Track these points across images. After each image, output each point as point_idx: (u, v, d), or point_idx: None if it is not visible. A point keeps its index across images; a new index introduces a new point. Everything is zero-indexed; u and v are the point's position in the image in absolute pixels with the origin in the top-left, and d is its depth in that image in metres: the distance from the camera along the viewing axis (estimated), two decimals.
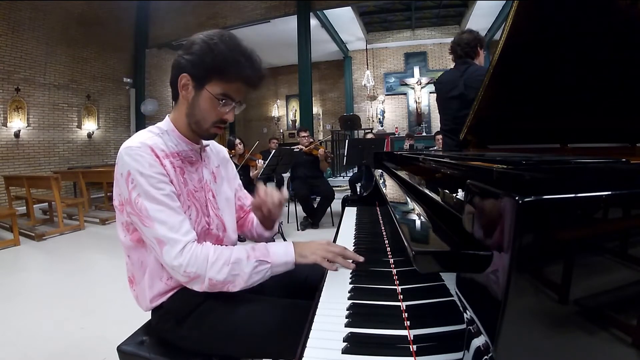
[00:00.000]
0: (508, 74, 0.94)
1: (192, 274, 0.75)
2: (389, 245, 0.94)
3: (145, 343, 0.87)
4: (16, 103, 5.89)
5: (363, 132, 8.33)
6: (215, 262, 0.76)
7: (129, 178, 0.76)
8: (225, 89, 0.80)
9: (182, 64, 0.81)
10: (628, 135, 0.97)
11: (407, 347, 0.50)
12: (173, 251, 0.75)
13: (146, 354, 0.84)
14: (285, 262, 0.82)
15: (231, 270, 0.77)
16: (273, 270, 0.81)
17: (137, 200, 0.75)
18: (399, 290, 0.67)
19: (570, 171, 0.52)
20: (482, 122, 1.12)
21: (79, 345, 1.82)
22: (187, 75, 0.81)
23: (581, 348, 0.34)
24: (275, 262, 0.81)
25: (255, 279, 0.80)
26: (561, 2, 0.78)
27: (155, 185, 0.76)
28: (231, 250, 0.80)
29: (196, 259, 0.75)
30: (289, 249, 0.84)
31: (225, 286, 0.78)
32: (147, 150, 0.78)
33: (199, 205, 0.88)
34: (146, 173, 0.76)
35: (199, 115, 0.83)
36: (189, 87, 0.82)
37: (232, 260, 0.78)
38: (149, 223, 0.75)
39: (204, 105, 0.82)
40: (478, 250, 0.39)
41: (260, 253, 0.81)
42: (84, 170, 5.87)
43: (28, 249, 3.77)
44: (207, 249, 0.78)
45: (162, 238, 0.75)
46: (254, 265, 0.79)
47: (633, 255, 0.33)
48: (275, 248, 0.83)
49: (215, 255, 0.77)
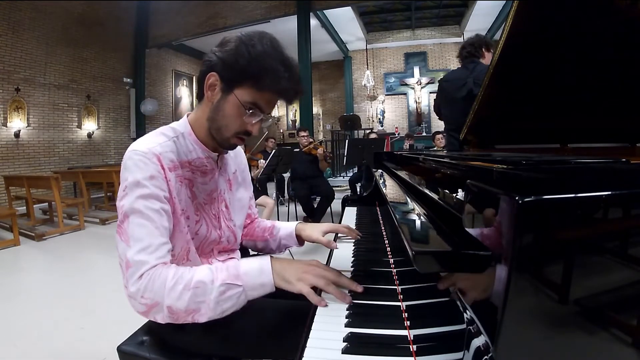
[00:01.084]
0: (508, 74, 0.94)
1: (150, 301, 0.64)
2: (389, 245, 0.94)
3: (145, 343, 0.87)
4: (16, 103, 5.89)
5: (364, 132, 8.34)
6: (173, 286, 0.64)
7: (125, 183, 0.70)
8: (255, 97, 0.73)
9: (213, 61, 0.73)
10: (628, 135, 0.97)
11: (407, 347, 0.50)
12: (134, 276, 0.65)
13: (146, 354, 0.84)
14: (261, 283, 0.67)
15: (193, 297, 0.64)
16: (248, 295, 0.67)
17: (123, 208, 0.69)
18: (399, 290, 0.67)
19: (570, 171, 0.52)
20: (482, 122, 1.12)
21: (79, 345, 1.82)
22: (216, 75, 0.73)
23: (581, 348, 0.34)
24: (248, 285, 0.66)
25: (226, 307, 0.66)
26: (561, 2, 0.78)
27: (147, 198, 0.69)
28: (193, 272, 0.66)
29: (153, 283, 0.64)
30: (265, 266, 0.68)
31: (189, 316, 0.65)
32: (152, 159, 0.71)
33: (208, 218, 0.84)
34: (142, 183, 0.69)
35: (222, 121, 0.76)
36: (215, 88, 0.75)
37: (194, 284, 0.64)
38: (125, 236, 0.67)
39: (229, 111, 0.74)
40: (478, 250, 0.39)
41: (228, 274, 0.66)
42: (84, 170, 5.87)
43: (28, 249, 3.77)
44: (166, 272, 0.65)
45: (129, 260, 0.66)
46: (221, 290, 0.65)
47: (633, 255, 0.33)
48: (248, 266, 0.68)
49: (174, 279, 0.65)
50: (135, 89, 8.30)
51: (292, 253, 3.05)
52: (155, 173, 0.71)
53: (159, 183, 0.71)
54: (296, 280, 0.66)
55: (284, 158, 3.87)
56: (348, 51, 10.48)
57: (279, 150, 3.79)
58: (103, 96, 7.60)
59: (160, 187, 0.71)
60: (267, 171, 3.81)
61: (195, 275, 0.66)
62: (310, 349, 0.52)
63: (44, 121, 6.41)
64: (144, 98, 8.30)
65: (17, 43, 5.91)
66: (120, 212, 0.69)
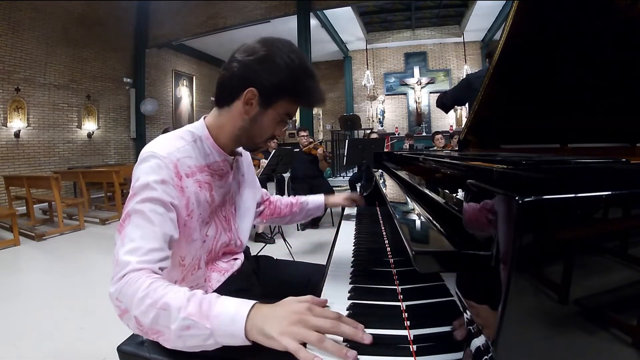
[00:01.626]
0: (508, 74, 0.94)
1: (123, 306, 0.61)
2: (389, 245, 0.94)
3: (145, 343, 0.87)
4: (16, 103, 5.89)
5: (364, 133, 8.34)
6: (142, 299, 0.58)
7: (135, 183, 0.70)
8: (289, 109, 0.79)
9: (252, 77, 0.74)
10: (628, 135, 0.97)
11: (407, 347, 0.50)
12: (117, 275, 0.63)
13: (146, 354, 0.84)
14: (231, 333, 0.54)
15: (157, 317, 0.57)
16: (219, 341, 0.56)
17: (127, 207, 0.68)
18: (399, 290, 0.67)
19: (570, 171, 0.52)
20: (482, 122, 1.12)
21: (79, 345, 1.82)
22: (254, 91, 0.74)
23: (581, 348, 0.34)
24: (218, 330, 0.55)
25: (190, 344, 0.57)
26: (561, 2, 0.78)
27: (153, 201, 0.67)
28: (166, 291, 0.59)
29: (128, 288, 0.60)
30: (238, 315, 0.55)
31: (154, 334, 0.59)
32: (169, 165, 0.71)
33: (219, 221, 0.85)
34: (152, 185, 0.68)
35: (257, 131, 0.79)
36: (253, 103, 0.76)
37: (160, 304, 0.57)
38: (122, 236, 0.66)
39: (266, 124, 0.78)
40: (478, 250, 0.39)
41: (199, 310, 0.56)
42: (84, 170, 5.88)
43: (28, 249, 3.77)
44: (142, 281, 0.60)
45: (118, 259, 0.64)
46: (184, 324, 0.55)
47: (633, 255, 0.33)
48: (222, 308, 0.56)
49: (146, 291, 0.59)
50: (135, 89, 8.30)
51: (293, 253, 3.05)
52: (168, 179, 0.71)
53: (169, 190, 0.70)
54: (279, 334, 0.51)
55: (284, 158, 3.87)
56: (348, 51, 10.48)
57: (279, 150, 3.80)
58: (103, 96, 7.60)
59: (169, 194, 0.70)
60: (267, 171, 3.82)
61: (166, 295, 0.58)
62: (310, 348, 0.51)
63: (44, 121, 6.41)
64: (144, 98, 8.30)
65: (17, 43, 5.91)
66: (124, 211, 0.69)
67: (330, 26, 8.55)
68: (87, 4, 6.98)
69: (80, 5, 6.88)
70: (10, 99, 5.81)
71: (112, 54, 7.75)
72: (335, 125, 10.14)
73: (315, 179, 4.24)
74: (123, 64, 8.10)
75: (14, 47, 5.87)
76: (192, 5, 7.75)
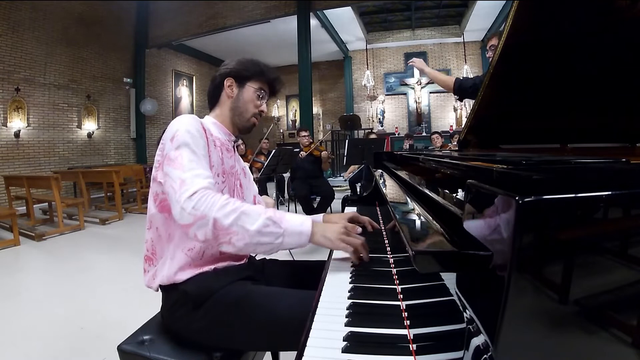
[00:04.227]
0: (508, 74, 0.94)
1: (199, 214, 0.74)
2: (389, 245, 0.94)
3: (145, 342, 0.88)
4: (16, 103, 5.89)
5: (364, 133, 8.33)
6: (224, 205, 0.75)
7: (176, 135, 0.85)
8: (260, 85, 1.03)
9: (225, 72, 1.01)
10: (628, 135, 0.97)
11: (407, 346, 0.50)
12: (189, 191, 0.76)
13: (147, 353, 0.84)
14: (299, 232, 0.78)
15: (238, 219, 0.74)
16: (285, 240, 0.77)
17: (177, 150, 0.83)
18: (399, 290, 0.67)
19: (570, 171, 0.52)
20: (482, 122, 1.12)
21: (79, 345, 1.82)
22: (231, 79, 1.01)
23: (581, 348, 0.34)
24: (288, 230, 0.77)
25: (263, 241, 0.76)
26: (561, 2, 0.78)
27: (197, 144, 0.85)
28: (245, 203, 0.78)
29: (206, 199, 0.75)
30: (306, 221, 0.80)
31: (228, 236, 0.74)
32: (197, 121, 0.91)
33: (232, 186, 1.00)
34: (193, 133, 0.86)
35: (243, 107, 1.02)
36: (233, 87, 1.01)
37: (243, 209, 0.76)
38: (179, 166, 0.80)
39: (247, 97, 1.02)
40: (478, 250, 0.39)
41: (274, 214, 0.78)
42: (84, 170, 5.87)
43: (28, 249, 3.77)
44: (220, 196, 0.77)
45: (184, 178, 0.78)
46: (264, 223, 0.75)
47: (633, 255, 0.33)
48: (291, 216, 0.80)
49: (227, 201, 0.76)
50: (135, 89, 8.30)
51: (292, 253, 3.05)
52: (200, 129, 0.89)
53: (202, 139, 0.88)
54: (336, 239, 0.79)
55: (284, 158, 3.87)
56: (348, 51, 10.47)
57: (279, 150, 3.80)
58: (103, 96, 7.60)
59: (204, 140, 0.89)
60: (267, 171, 3.81)
61: (245, 205, 0.77)
62: (310, 348, 0.52)
63: (44, 121, 6.41)
64: (144, 98, 8.30)
65: (17, 43, 5.91)
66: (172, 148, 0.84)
67: (330, 26, 8.55)
68: (87, 4, 6.98)
69: (80, 5, 6.88)
70: (10, 99, 5.80)
71: (112, 54, 7.75)
72: (335, 125, 10.14)
73: (316, 179, 4.24)
74: (123, 64, 8.09)
75: (14, 47, 5.87)
76: (192, 5, 7.75)
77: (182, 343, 0.86)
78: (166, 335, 0.89)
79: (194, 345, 0.84)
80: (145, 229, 0.94)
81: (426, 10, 9.08)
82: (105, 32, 7.48)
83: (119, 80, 7.98)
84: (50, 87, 6.49)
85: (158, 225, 0.91)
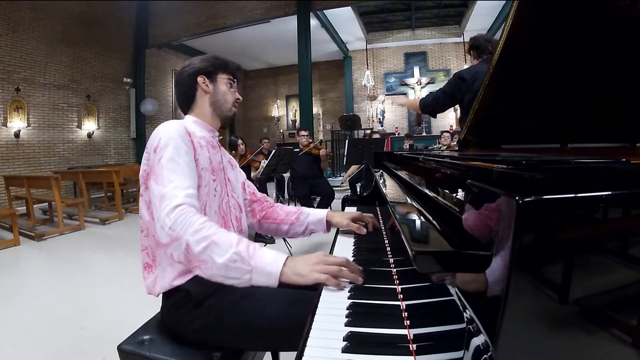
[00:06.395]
0: (508, 74, 0.94)
1: (174, 235, 0.75)
2: (389, 245, 0.94)
3: (145, 342, 0.88)
4: (16, 103, 5.89)
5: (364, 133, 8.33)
6: (198, 230, 0.74)
7: (159, 144, 0.85)
8: (227, 75, 1.07)
9: (193, 72, 1.03)
10: (628, 135, 0.97)
11: (407, 346, 0.50)
12: (169, 207, 0.76)
13: (147, 353, 0.84)
14: (268, 272, 0.74)
15: (207, 248, 0.73)
16: (254, 278, 0.74)
17: (159, 163, 0.83)
18: (399, 290, 0.67)
19: (570, 171, 0.52)
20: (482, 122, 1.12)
21: (79, 345, 1.82)
22: (202, 76, 1.03)
23: (581, 348, 0.34)
24: (257, 268, 0.73)
25: (230, 275, 0.74)
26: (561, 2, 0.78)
27: (179, 152, 0.85)
28: (219, 231, 0.76)
29: (183, 220, 0.75)
30: (277, 259, 0.75)
31: (198, 262, 0.74)
32: (181, 127, 0.91)
33: (223, 182, 1.02)
34: (176, 142, 0.86)
35: (223, 98, 1.05)
36: (207, 82, 1.03)
37: (214, 238, 0.74)
38: (161, 180, 0.81)
39: (221, 88, 1.05)
40: (478, 251, 0.39)
41: (245, 249, 0.75)
42: (84, 170, 5.87)
43: (28, 249, 3.77)
44: (197, 217, 0.77)
45: (164, 193, 0.79)
46: (232, 257, 0.73)
47: (633, 255, 0.33)
48: (264, 253, 0.76)
49: (202, 225, 0.75)
50: (135, 89, 8.30)
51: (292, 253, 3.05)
52: (184, 135, 0.90)
53: (186, 145, 0.89)
54: (308, 272, 0.73)
55: (284, 158, 3.87)
56: (348, 51, 10.47)
57: (279, 150, 3.79)
58: (103, 96, 7.60)
59: (188, 147, 0.89)
60: (267, 171, 3.81)
61: (219, 233, 0.76)
62: (310, 347, 0.52)
63: (44, 121, 6.41)
64: (144, 98, 8.29)
65: (17, 43, 5.91)
66: (155, 159, 0.84)
67: (330, 26, 8.54)
68: (87, 4, 6.98)
69: (80, 5, 6.88)
70: (10, 99, 5.80)
71: (112, 54, 7.75)
72: (335, 125, 10.13)
73: (316, 179, 4.24)
74: (123, 64, 8.09)
75: (14, 47, 5.87)
76: (192, 5, 7.75)
77: (182, 343, 0.86)
78: (166, 335, 0.89)
79: (194, 345, 0.84)
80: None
81: (426, 10, 9.07)
82: (105, 32, 7.47)
83: (119, 80, 7.98)
84: (50, 87, 6.49)
85: (154, 232, 0.89)
